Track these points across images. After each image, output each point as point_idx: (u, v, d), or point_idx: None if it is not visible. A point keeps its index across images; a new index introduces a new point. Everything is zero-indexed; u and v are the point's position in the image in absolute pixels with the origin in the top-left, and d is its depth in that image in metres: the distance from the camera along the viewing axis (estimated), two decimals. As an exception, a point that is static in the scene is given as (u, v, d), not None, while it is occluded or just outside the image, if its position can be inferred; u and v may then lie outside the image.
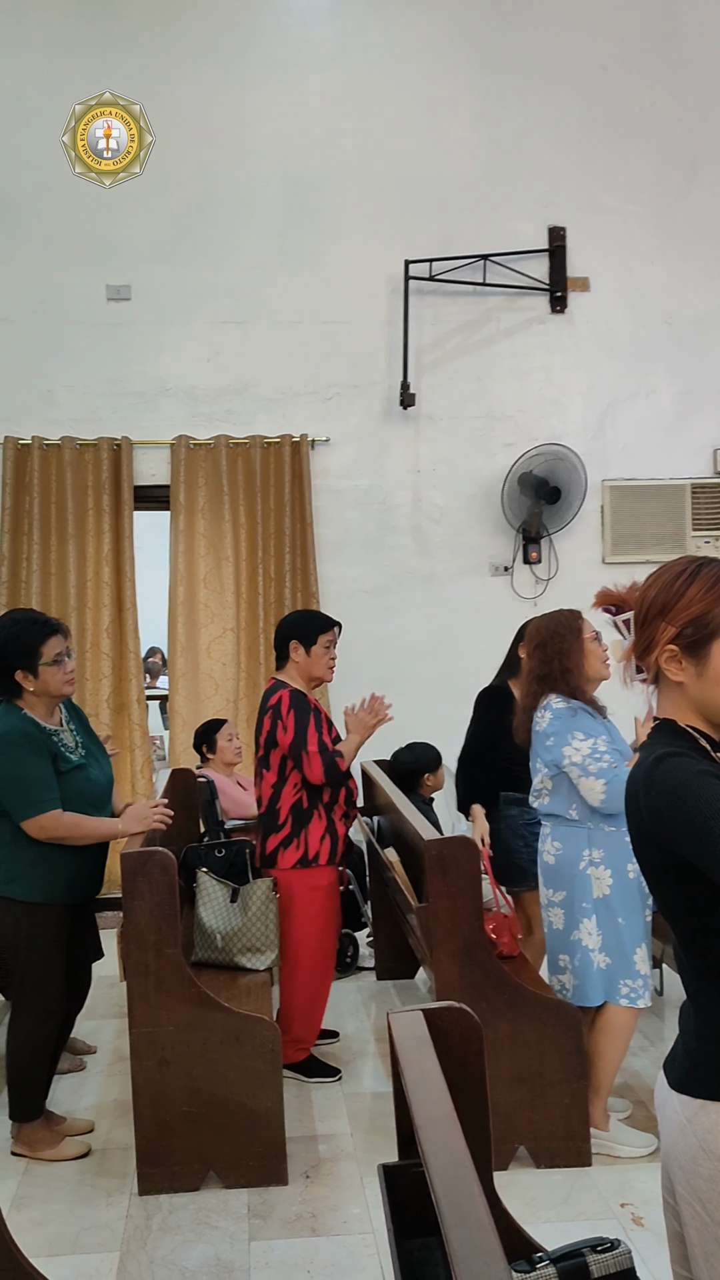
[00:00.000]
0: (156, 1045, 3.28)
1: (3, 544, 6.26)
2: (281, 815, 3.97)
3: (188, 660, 6.43)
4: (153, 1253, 2.94)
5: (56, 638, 3.48)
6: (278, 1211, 3.13)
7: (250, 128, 6.44)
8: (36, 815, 3.35)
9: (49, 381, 6.37)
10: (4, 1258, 1.95)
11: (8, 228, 6.31)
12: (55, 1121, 3.61)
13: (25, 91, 6.29)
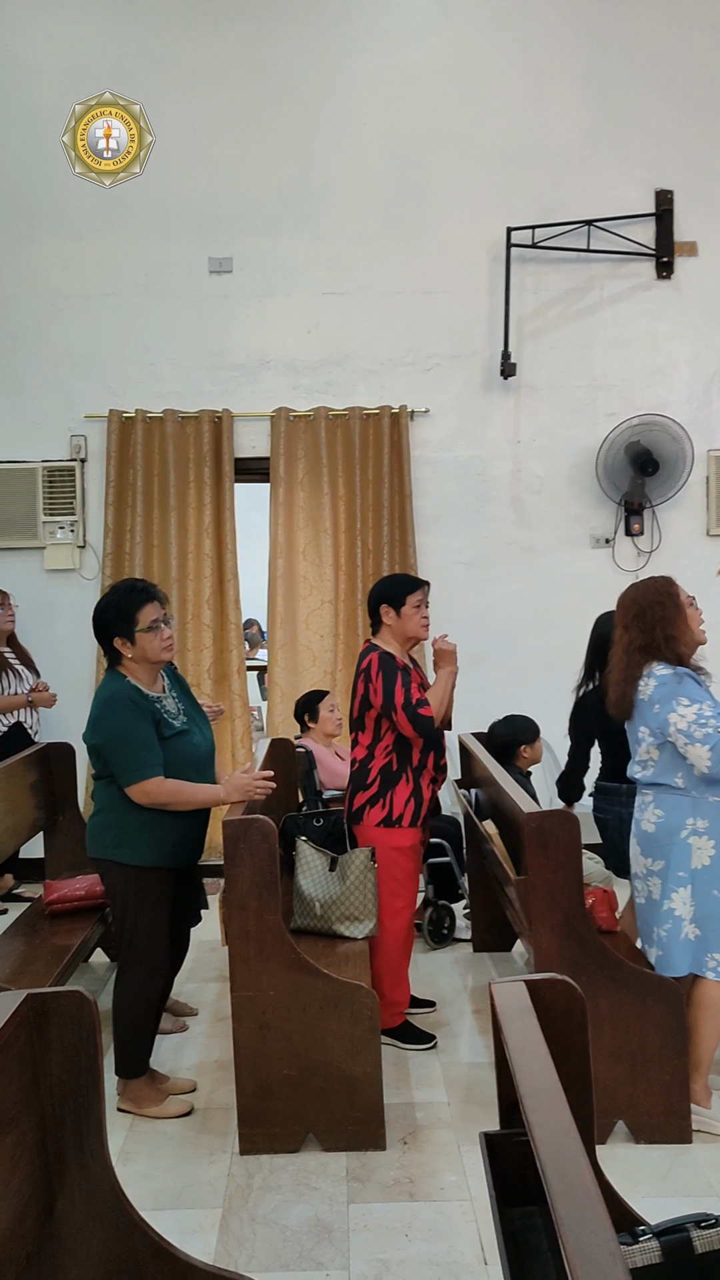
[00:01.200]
0: (257, 1009, 3.34)
1: (107, 516, 6.37)
2: (371, 775, 4.02)
3: (286, 632, 6.48)
4: (254, 1211, 3.01)
5: (153, 604, 3.54)
6: (376, 1176, 3.17)
7: (353, 97, 6.41)
8: (140, 780, 3.42)
9: (152, 355, 6.45)
10: (115, 1208, 2.01)
11: (114, 203, 6.38)
12: (159, 1080, 3.70)
13: (130, 65, 6.34)
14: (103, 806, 3.58)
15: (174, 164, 6.37)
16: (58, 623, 6.43)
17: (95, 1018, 2.03)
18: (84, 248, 6.40)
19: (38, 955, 4.04)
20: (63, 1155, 2.01)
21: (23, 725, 5.81)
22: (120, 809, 3.50)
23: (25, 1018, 2.00)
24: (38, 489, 6.42)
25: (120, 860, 3.51)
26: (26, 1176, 1.91)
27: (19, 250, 6.39)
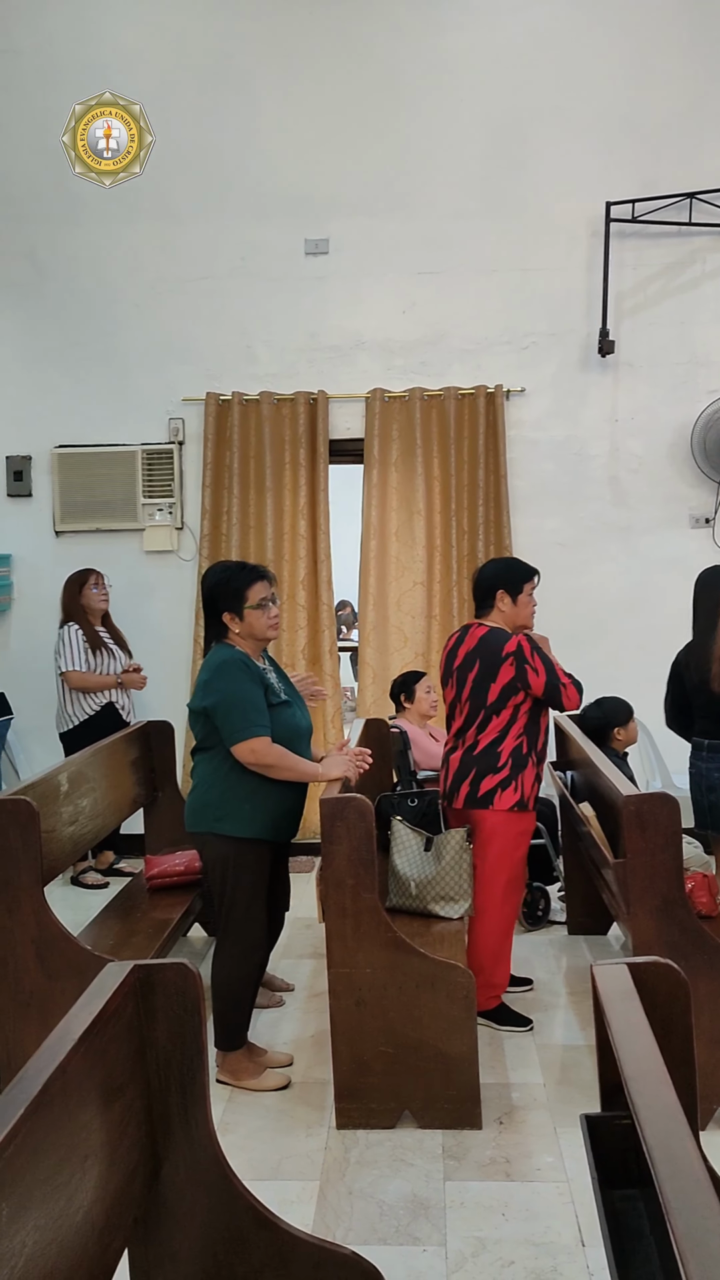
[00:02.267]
0: (354, 986, 3.36)
1: (204, 499, 6.44)
2: (502, 758, 3.97)
3: (378, 613, 6.49)
4: (351, 1184, 3.04)
5: (262, 583, 3.62)
6: (472, 1154, 3.18)
7: (449, 73, 6.34)
8: (248, 738, 3.47)
9: (248, 338, 6.49)
10: (218, 1177, 2.05)
11: (210, 186, 6.43)
12: (257, 1053, 3.75)
13: (227, 48, 6.37)
14: (203, 780, 3.64)
15: (270, 147, 6.39)
16: (155, 603, 6.53)
17: (198, 989, 2.07)
18: (182, 232, 6.45)
19: (138, 929, 4.12)
20: (168, 1123, 2.05)
21: (114, 705, 5.92)
22: (221, 783, 3.56)
23: (132, 988, 2.05)
24: (137, 472, 6.52)
25: (220, 833, 3.57)
26: (134, 1142, 1.96)
27: (119, 236, 6.48)
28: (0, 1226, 1.44)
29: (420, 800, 4.31)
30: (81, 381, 6.55)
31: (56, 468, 6.56)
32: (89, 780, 4.34)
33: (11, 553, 6.61)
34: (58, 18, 6.44)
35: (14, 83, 6.44)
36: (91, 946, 3.61)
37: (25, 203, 6.50)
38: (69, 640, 5.88)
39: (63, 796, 4.02)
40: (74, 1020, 1.89)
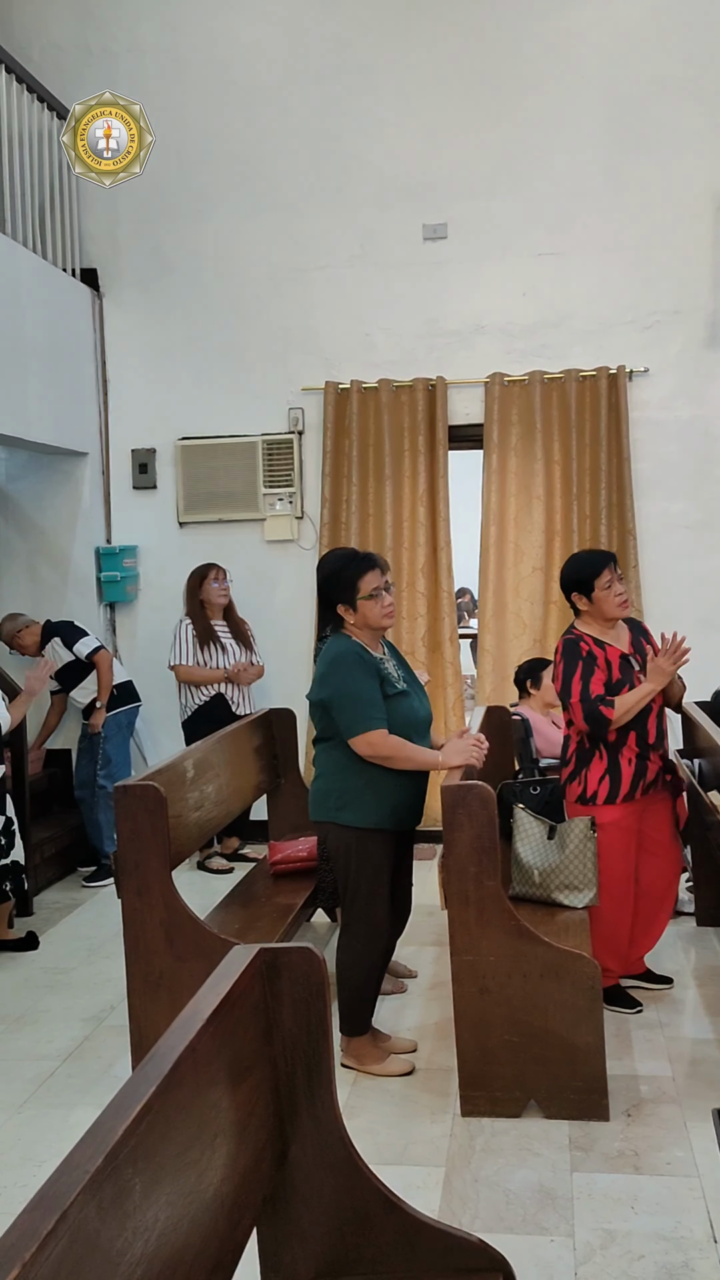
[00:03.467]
0: (477, 973, 3.35)
1: (324, 487, 6.47)
2: (568, 751, 4.04)
3: (497, 600, 6.43)
4: (477, 1172, 3.03)
5: (374, 572, 3.61)
6: (599, 1146, 3.14)
7: (569, 50, 6.23)
8: (365, 732, 3.48)
9: (367, 325, 6.49)
10: (345, 1159, 2.06)
11: (330, 175, 6.44)
12: (381, 1039, 3.77)
13: (345, 36, 6.37)
14: (324, 770, 3.66)
15: (389, 133, 6.37)
16: (277, 592, 6.59)
17: (324, 973, 2.08)
18: (301, 222, 6.48)
19: (263, 913, 4.18)
20: (295, 1105, 2.07)
21: (224, 697, 6.02)
22: (342, 772, 3.58)
23: (259, 971, 2.07)
24: (258, 462, 6.59)
25: (342, 822, 3.58)
26: (262, 1122, 1.98)
27: (239, 227, 6.54)
28: (135, 1200, 1.47)
29: (543, 788, 4.26)
30: (204, 374, 6.64)
31: (180, 460, 6.67)
32: (213, 767, 4.40)
33: (138, 544, 6.75)
34: (181, 16, 6.53)
35: (140, 81, 6.54)
36: (217, 930, 3.67)
37: (150, 200, 6.61)
38: (179, 635, 6.07)
39: (189, 783, 4.09)
40: (202, 1001, 1.92)
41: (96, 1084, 3.67)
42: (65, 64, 6.57)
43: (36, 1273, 1.22)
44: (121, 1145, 1.45)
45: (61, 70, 6.53)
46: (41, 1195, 1.34)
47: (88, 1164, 1.39)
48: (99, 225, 6.70)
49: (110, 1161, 1.42)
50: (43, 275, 6.07)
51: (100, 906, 5.56)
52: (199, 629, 6.05)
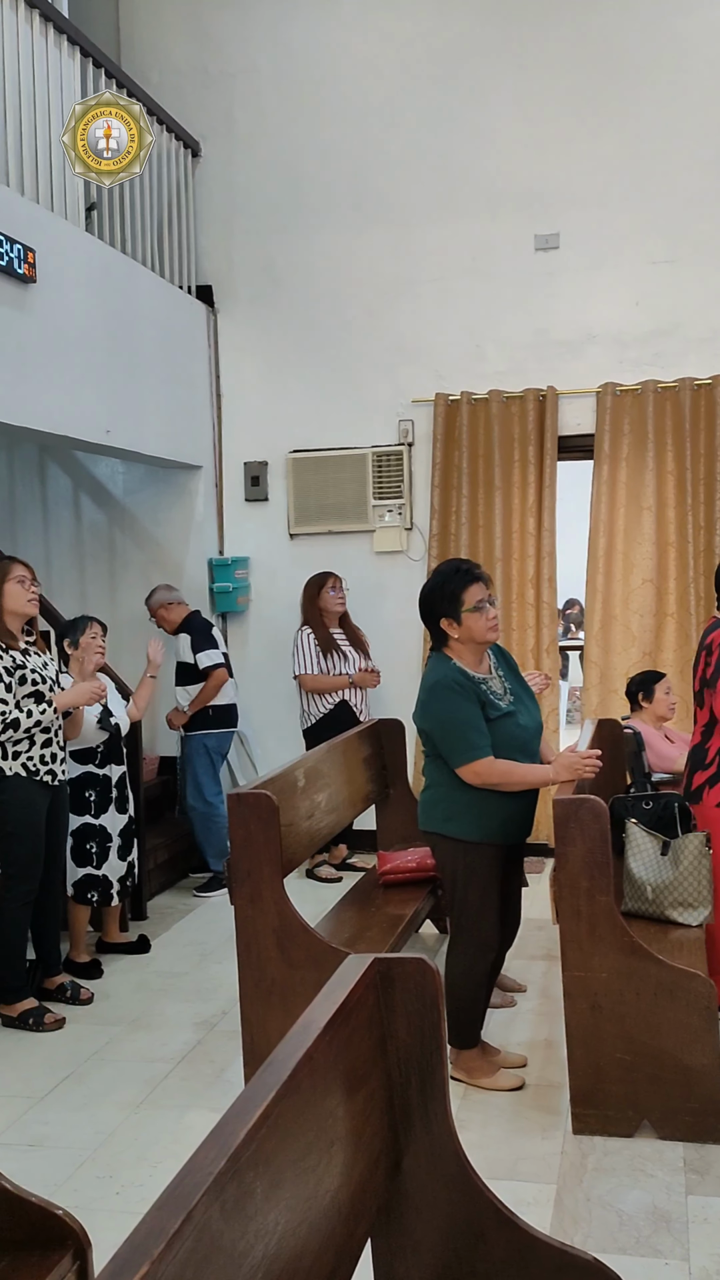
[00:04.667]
0: (589, 990, 3.32)
1: (433, 498, 6.49)
2: (710, 754, 3.89)
3: (605, 611, 6.36)
4: (589, 1191, 3.00)
5: (478, 585, 3.57)
6: (716, 1169, 3.08)
7: (682, 56, 6.15)
8: (470, 762, 3.47)
9: (477, 337, 6.49)
10: (458, 1172, 2.06)
11: (441, 188, 6.47)
12: (490, 1052, 3.75)
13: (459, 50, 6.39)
14: (434, 782, 3.67)
15: (500, 143, 6.37)
16: (386, 603, 6.62)
17: (438, 984, 2.09)
18: (412, 235, 6.52)
19: (372, 923, 4.20)
20: (408, 1115, 2.08)
21: (348, 704, 6.06)
22: (450, 785, 3.58)
23: (373, 980, 2.09)
24: (368, 474, 6.63)
25: (450, 835, 3.58)
26: (376, 1132, 2.00)
27: (351, 242, 6.60)
28: (256, 1203, 1.49)
29: (655, 803, 4.20)
30: (315, 388, 6.71)
31: (291, 472, 6.75)
32: (323, 776, 4.44)
33: (249, 555, 6.85)
34: (294, 35, 6.63)
35: (253, 100, 6.67)
36: (328, 938, 3.70)
37: (263, 216, 6.72)
38: (302, 645, 6.09)
39: (300, 791, 4.13)
40: (318, 1009, 1.94)
41: (210, 1087, 3.73)
42: (183, 87, 6.73)
43: (164, 1271, 1.25)
44: (244, 1148, 1.48)
45: (180, 93, 6.69)
46: (167, 1195, 1.37)
47: (211, 1165, 1.43)
48: (214, 243, 6.84)
49: (233, 1164, 1.45)
50: (160, 293, 6.21)
51: (211, 912, 5.64)
52: (320, 637, 6.10)
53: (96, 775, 4.87)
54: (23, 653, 4.28)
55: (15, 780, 4.23)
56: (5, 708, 4.16)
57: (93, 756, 4.86)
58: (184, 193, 6.67)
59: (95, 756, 4.87)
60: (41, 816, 4.31)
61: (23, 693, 4.21)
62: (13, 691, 4.18)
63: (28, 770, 4.25)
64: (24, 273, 4.73)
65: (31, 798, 4.27)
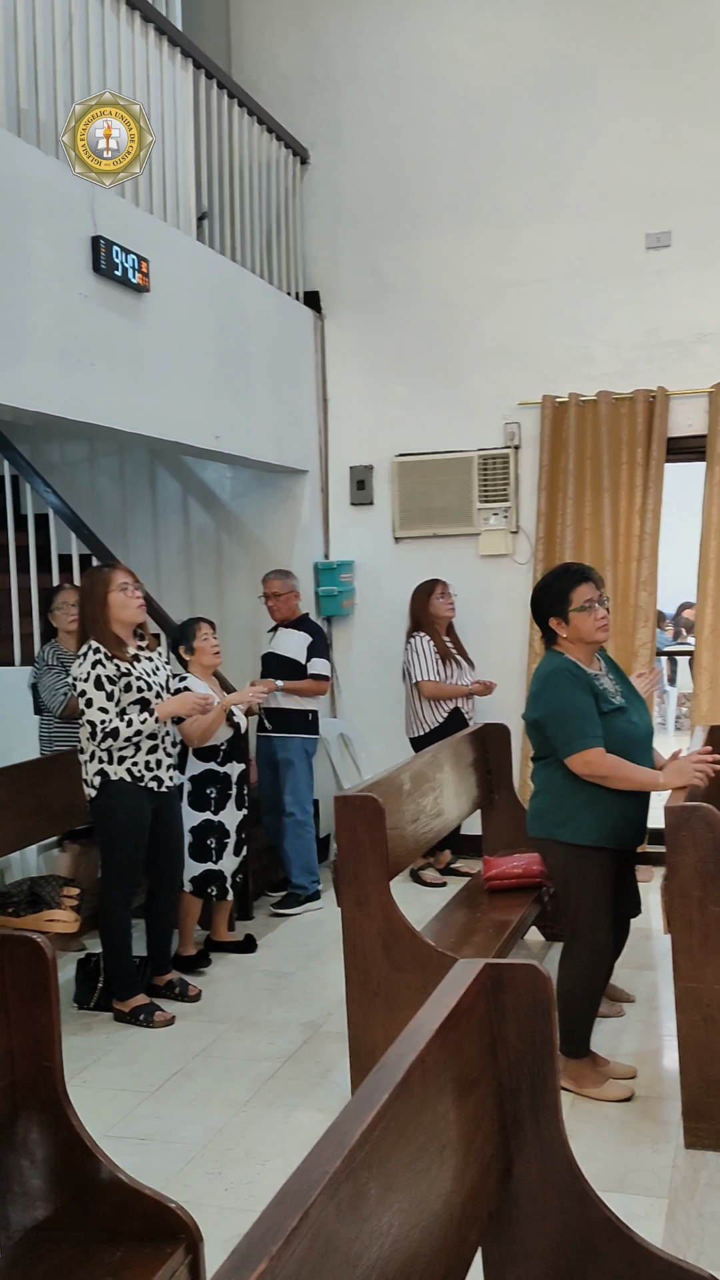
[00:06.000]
0: (701, 1001, 3.25)
1: (540, 502, 6.43)
2: None
3: (716, 615, 6.23)
4: (701, 1206, 2.94)
5: (587, 585, 3.57)
6: None
7: None
8: (581, 750, 3.43)
9: (585, 338, 6.42)
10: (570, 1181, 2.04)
11: (548, 188, 6.42)
12: (600, 1063, 3.70)
13: (566, 49, 6.34)
14: (543, 787, 3.64)
15: (609, 142, 6.30)
16: (491, 608, 6.58)
17: (549, 992, 2.07)
18: (518, 237, 6.48)
19: (478, 928, 4.18)
20: (519, 1122, 2.06)
21: (460, 711, 6.04)
22: (561, 789, 3.54)
23: (484, 986, 2.08)
24: (473, 477, 6.61)
25: (561, 840, 3.55)
26: (488, 1138, 1.99)
27: (456, 245, 6.59)
28: (370, 1204, 1.50)
29: (770, 812, 4.10)
30: (420, 392, 6.71)
31: (396, 476, 6.76)
32: (429, 780, 4.44)
33: (354, 559, 6.88)
34: (399, 39, 6.65)
35: (361, 106, 6.71)
36: (433, 942, 3.69)
37: (369, 221, 6.75)
38: (421, 651, 6.03)
39: (405, 795, 4.14)
40: (429, 1013, 1.94)
41: (316, 1088, 3.76)
42: (292, 94, 6.79)
43: (282, 1268, 1.26)
44: (359, 1149, 1.49)
45: (287, 100, 6.75)
46: (284, 1193, 1.38)
47: (327, 1165, 1.43)
48: (321, 249, 6.89)
49: (348, 1164, 1.45)
50: (268, 299, 6.28)
51: (316, 914, 5.68)
52: (438, 644, 6.07)
53: (218, 773, 4.94)
54: (133, 659, 4.35)
55: (120, 785, 4.31)
56: (106, 716, 4.23)
57: (215, 754, 4.93)
58: (292, 200, 6.73)
59: (218, 754, 4.93)
60: (145, 821, 4.37)
61: (128, 700, 4.28)
62: (114, 699, 4.26)
63: (132, 776, 4.32)
64: (138, 282, 4.83)
65: (136, 803, 4.34)
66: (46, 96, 4.51)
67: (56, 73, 4.55)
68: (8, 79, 4.26)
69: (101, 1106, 3.56)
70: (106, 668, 4.26)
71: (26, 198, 4.24)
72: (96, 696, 4.24)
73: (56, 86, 4.55)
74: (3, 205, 4.10)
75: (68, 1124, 2.27)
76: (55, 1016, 2.31)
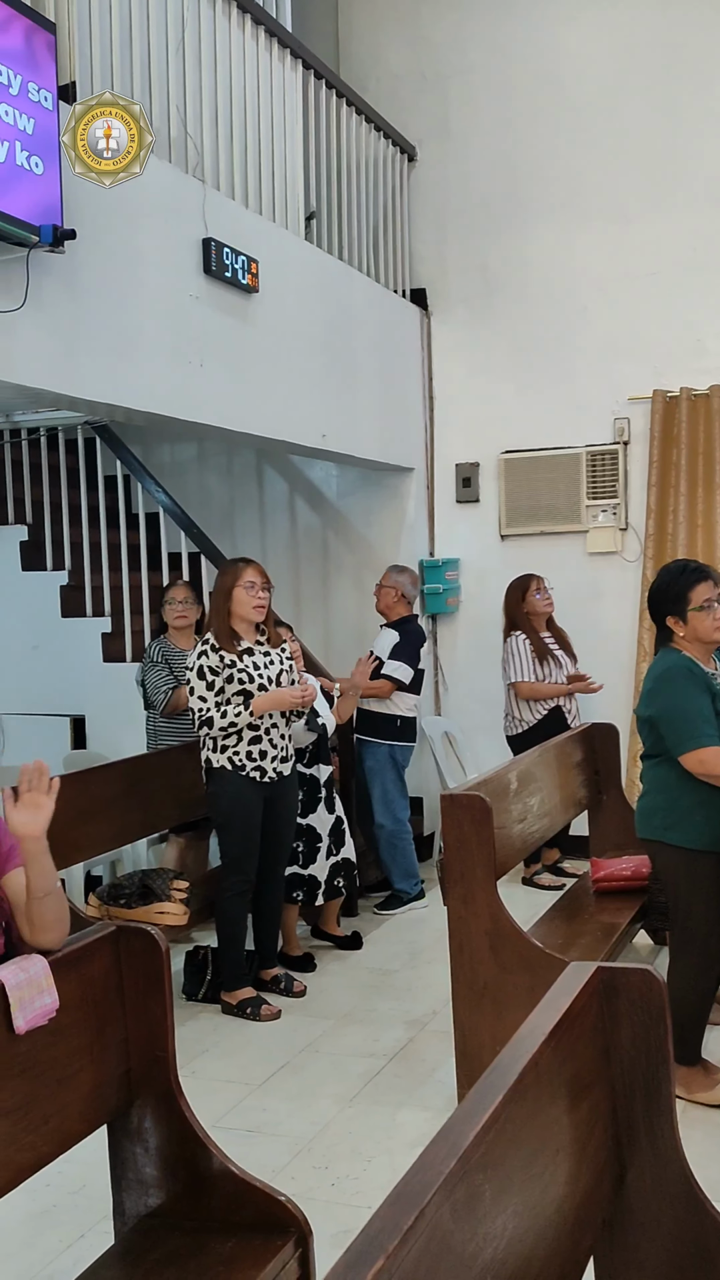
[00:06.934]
0: None
1: (649, 498, 6.33)
2: None
3: None
4: None
5: (706, 584, 3.53)
6: None
7: None
8: (696, 749, 3.37)
9: (697, 331, 6.29)
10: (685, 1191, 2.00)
11: (661, 180, 6.30)
12: (711, 1069, 3.63)
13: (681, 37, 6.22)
14: (652, 788, 3.58)
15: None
16: (600, 605, 6.50)
17: (664, 997, 2.04)
18: (629, 229, 6.38)
19: (585, 930, 4.13)
20: (633, 1129, 2.03)
21: (561, 709, 5.93)
22: (671, 790, 3.49)
23: (596, 989, 2.05)
24: (581, 474, 6.53)
25: (671, 843, 3.49)
26: (601, 1144, 1.96)
27: (566, 239, 6.52)
28: (485, 1206, 1.49)
29: None
30: (527, 388, 6.65)
31: (503, 473, 6.72)
32: (536, 779, 4.40)
33: (460, 556, 6.86)
34: (509, 34, 6.59)
35: (470, 100, 6.68)
36: (541, 944, 3.66)
37: (478, 217, 6.72)
38: (517, 651, 5.94)
39: (512, 794, 4.11)
40: (542, 1016, 1.92)
41: (422, 1086, 3.75)
42: (400, 91, 6.79)
43: (398, 1266, 1.26)
44: (473, 1150, 1.48)
45: (397, 98, 6.76)
46: (399, 1191, 1.38)
47: (441, 1165, 1.43)
48: (428, 246, 6.87)
49: (463, 1165, 1.45)
50: (376, 298, 6.30)
51: (421, 911, 5.67)
52: (535, 643, 5.99)
53: (304, 775, 4.95)
54: (245, 653, 4.41)
55: (222, 773, 4.39)
56: (204, 705, 4.34)
57: (300, 756, 4.94)
58: (399, 197, 6.73)
59: (303, 756, 4.95)
60: (254, 811, 4.42)
61: (231, 691, 4.35)
62: (214, 689, 4.34)
63: (233, 765, 4.38)
64: (247, 283, 4.88)
65: (240, 792, 4.39)
66: (160, 102, 4.58)
67: (169, 77, 4.62)
68: (122, 86, 4.34)
69: (210, 1098, 3.61)
70: (210, 659, 4.35)
71: (141, 202, 4.31)
72: (198, 685, 4.37)
73: (169, 91, 4.62)
74: (118, 210, 4.18)
75: (180, 1114, 2.31)
76: (169, 1007, 2.35)
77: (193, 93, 4.75)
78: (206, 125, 4.85)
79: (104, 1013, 2.29)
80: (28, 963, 2.12)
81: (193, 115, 4.77)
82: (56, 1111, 2.15)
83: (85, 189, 3.84)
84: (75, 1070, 2.20)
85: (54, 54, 3.72)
